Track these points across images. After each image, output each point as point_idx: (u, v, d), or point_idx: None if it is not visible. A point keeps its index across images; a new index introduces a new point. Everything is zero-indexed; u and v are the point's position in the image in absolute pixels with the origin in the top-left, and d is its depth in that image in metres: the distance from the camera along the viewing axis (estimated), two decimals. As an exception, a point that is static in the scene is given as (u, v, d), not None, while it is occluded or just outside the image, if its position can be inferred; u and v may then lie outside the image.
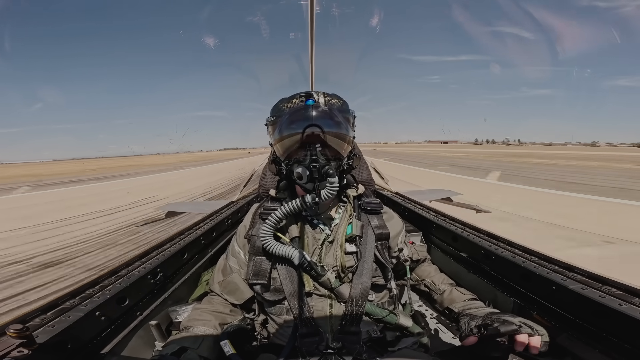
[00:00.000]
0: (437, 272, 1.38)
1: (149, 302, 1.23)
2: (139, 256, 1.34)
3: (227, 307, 1.15)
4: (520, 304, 1.18)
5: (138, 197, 11.14)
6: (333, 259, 1.08)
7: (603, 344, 0.88)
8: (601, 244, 4.82)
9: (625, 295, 0.90)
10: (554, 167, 20.69)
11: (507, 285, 1.26)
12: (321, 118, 1.03)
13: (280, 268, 1.07)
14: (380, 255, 1.11)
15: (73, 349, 0.86)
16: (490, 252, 1.34)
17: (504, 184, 12.16)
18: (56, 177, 26.02)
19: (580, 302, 0.94)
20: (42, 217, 8.22)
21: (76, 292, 1.02)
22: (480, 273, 1.42)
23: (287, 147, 1.08)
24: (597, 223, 5.99)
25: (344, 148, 1.10)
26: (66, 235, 6.25)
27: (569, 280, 1.01)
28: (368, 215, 1.20)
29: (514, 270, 1.21)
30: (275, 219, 1.04)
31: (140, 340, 1.14)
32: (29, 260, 4.83)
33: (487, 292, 1.34)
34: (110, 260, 4.53)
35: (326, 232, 1.14)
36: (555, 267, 1.11)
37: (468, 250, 1.52)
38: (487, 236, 1.49)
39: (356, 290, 1.02)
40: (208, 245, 1.75)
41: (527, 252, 1.26)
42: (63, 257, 4.89)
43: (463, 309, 1.09)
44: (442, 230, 1.74)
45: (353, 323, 1.00)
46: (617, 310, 0.84)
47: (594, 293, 0.92)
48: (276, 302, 1.08)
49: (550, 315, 1.05)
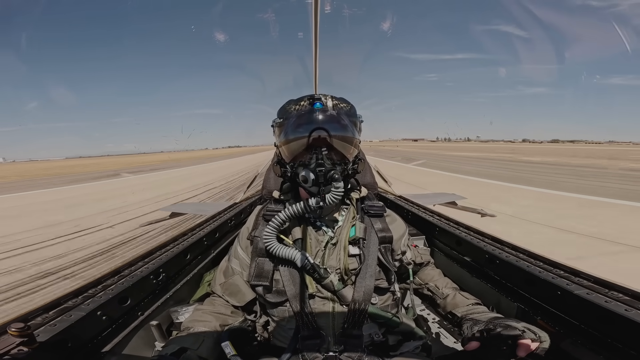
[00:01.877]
0: (440, 275, 1.37)
1: (151, 302, 1.23)
2: (142, 256, 1.34)
3: (228, 309, 1.15)
4: (524, 309, 1.17)
5: (223, 171, 20.99)
6: (336, 262, 1.07)
7: (608, 350, 0.86)
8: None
9: (631, 300, 0.88)
10: (471, 159, 27.61)
11: (511, 290, 1.24)
12: (329, 122, 1.03)
13: (283, 270, 1.06)
14: (384, 258, 1.10)
15: (73, 347, 0.87)
16: (494, 256, 1.33)
17: (419, 168, 18.18)
18: (158, 164, 38.11)
19: (586, 308, 0.92)
20: (196, 177, 17.30)
21: (78, 292, 1.02)
22: (484, 277, 1.41)
23: (294, 149, 1.08)
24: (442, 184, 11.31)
25: (350, 152, 1.10)
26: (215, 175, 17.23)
27: (574, 285, 1.00)
28: (371, 218, 1.20)
29: (518, 274, 1.20)
30: (278, 220, 1.04)
31: (140, 340, 1.14)
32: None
33: (491, 296, 1.33)
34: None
35: (329, 234, 1.13)
36: (561, 272, 1.10)
37: (472, 254, 1.50)
38: (491, 240, 1.47)
39: (359, 293, 1.01)
40: (211, 246, 1.75)
41: (531, 257, 1.24)
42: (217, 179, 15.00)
43: (466, 314, 1.08)
44: (445, 234, 1.73)
45: (355, 326, 0.99)
46: (623, 315, 0.82)
47: (600, 298, 0.91)
48: (278, 303, 1.07)
49: (555, 321, 1.03)
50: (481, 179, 12.39)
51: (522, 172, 15.49)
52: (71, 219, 7.30)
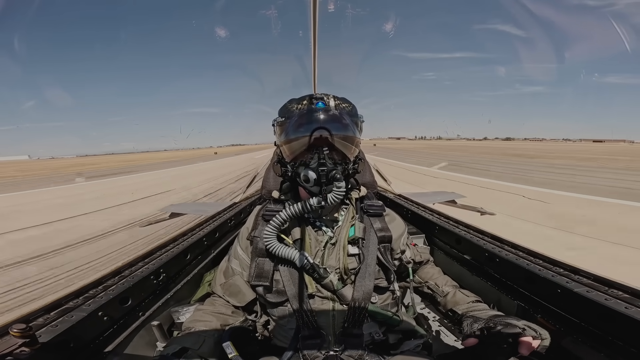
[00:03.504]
0: (440, 274, 1.37)
1: (152, 302, 1.24)
2: (142, 257, 1.34)
3: (229, 309, 1.15)
4: (524, 307, 1.17)
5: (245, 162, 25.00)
6: (336, 261, 1.07)
7: (609, 347, 0.86)
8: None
9: (631, 298, 0.89)
10: (425, 152, 32.23)
11: (511, 288, 1.24)
12: (331, 121, 1.03)
13: (283, 270, 1.06)
14: (383, 257, 1.10)
15: (75, 348, 0.87)
16: (494, 254, 1.33)
17: (378, 158, 20.82)
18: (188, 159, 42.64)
19: (586, 305, 0.92)
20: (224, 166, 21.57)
21: (79, 292, 1.02)
22: (484, 276, 1.41)
23: (295, 149, 1.07)
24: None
25: (351, 152, 1.10)
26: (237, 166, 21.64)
27: (574, 283, 1.00)
28: (370, 218, 1.20)
29: (518, 273, 1.20)
30: (279, 220, 1.04)
31: (142, 341, 1.14)
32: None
33: (491, 294, 1.33)
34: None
35: (329, 234, 1.13)
36: (561, 269, 1.10)
37: (472, 252, 1.50)
38: (491, 238, 1.47)
39: (359, 293, 1.01)
40: (211, 246, 1.75)
41: (531, 255, 1.25)
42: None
43: (467, 311, 1.08)
44: (445, 232, 1.73)
45: (355, 325, 0.99)
46: (623, 313, 0.83)
47: (600, 296, 0.91)
48: (278, 303, 1.07)
49: (555, 319, 1.03)
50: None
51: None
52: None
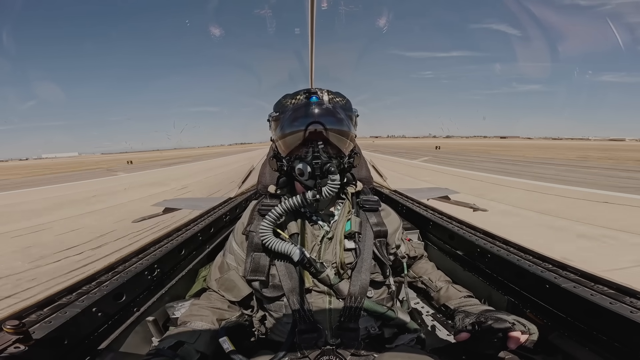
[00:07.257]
0: (434, 269, 1.39)
1: (146, 298, 1.23)
2: (136, 252, 1.33)
3: (224, 303, 1.15)
4: (514, 302, 1.20)
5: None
6: (332, 256, 1.08)
7: (593, 342, 0.89)
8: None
9: (616, 294, 0.91)
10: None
11: (501, 284, 1.27)
12: (325, 115, 1.03)
13: (279, 264, 1.07)
14: (379, 252, 1.12)
15: (70, 344, 0.86)
16: (485, 250, 1.36)
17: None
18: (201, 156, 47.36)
19: (573, 301, 0.95)
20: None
21: (72, 288, 1.01)
22: (475, 271, 1.44)
23: (290, 143, 1.07)
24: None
25: (346, 146, 1.11)
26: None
27: (562, 278, 1.03)
28: (366, 213, 1.21)
29: (508, 268, 1.22)
30: (275, 215, 1.04)
31: (137, 336, 1.14)
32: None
33: (483, 289, 1.36)
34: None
35: (325, 228, 1.14)
36: (549, 265, 1.13)
37: (464, 248, 1.53)
38: (483, 234, 1.50)
39: (355, 287, 1.03)
40: (206, 241, 1.75)
41: (521, 251, 1.27)
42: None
43: (459, 306, 1.10)
44: (438, 228, 1.75)
45: (352, 319, 1.00)
46: (608, 309, 0.85)
47: (586, 292, 0.94)
48: (275, 298, 1.08)
49: (543, 314, 1.06)
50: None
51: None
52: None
